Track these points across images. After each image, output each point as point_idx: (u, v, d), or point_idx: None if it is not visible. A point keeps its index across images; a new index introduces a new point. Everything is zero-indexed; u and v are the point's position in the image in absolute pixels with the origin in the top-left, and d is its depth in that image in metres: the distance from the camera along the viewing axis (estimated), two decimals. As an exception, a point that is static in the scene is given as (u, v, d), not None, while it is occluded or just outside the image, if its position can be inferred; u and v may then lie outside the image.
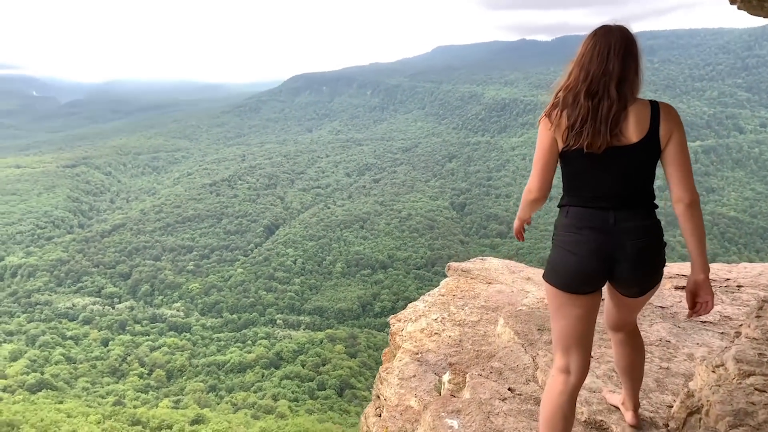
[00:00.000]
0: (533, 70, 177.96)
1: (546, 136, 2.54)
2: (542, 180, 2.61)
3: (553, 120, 2.51)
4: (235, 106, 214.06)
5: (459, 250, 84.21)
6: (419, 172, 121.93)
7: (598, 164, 2.45)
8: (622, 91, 2.44)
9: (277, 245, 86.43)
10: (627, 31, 2.47)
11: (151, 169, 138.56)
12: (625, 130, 2.42)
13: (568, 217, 2.56)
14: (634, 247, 2.44)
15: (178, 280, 77.24)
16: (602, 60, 2.44)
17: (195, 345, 61.92)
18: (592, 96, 2.44)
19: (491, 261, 6.65)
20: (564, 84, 2.54)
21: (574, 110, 2.45)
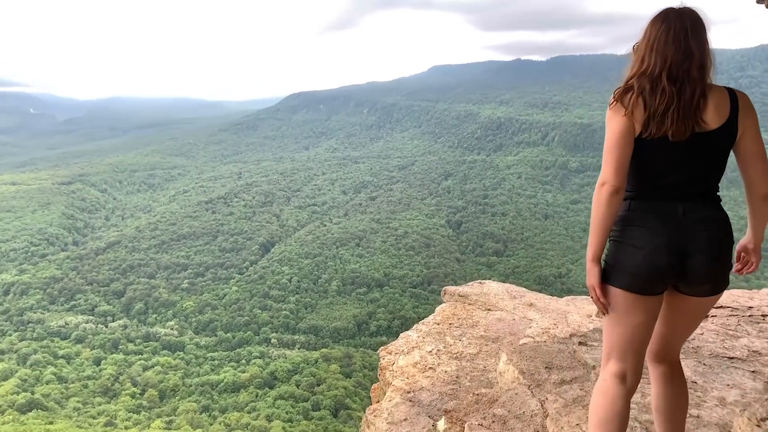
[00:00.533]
0: (528, 89, 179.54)
1: (620, 122, 2.34)
2: (618, 166, 2.32)
3: (627, 104, 2.34)
4: (232, 123, 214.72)
5: (455, 268, 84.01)
6: (415, 190, 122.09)
7: (677, 152, 2.32)
8: (703, 75, 2.33)
9: (273, 263, 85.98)
10: (697, 13, 2.36)
11: (147, 187, 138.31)
12: (705, 116, 2.31)
13: (631, 210, 2.40)
14: (708, 237, 2.31)
15: (172, 298, 76.60)
16: (679, 43, 2.31)
17: (188, 364, 61.15)
18: (674, 81, 2.31)
19: (490, 285, 6.29)
20: (638, 70, 2.40)
21: (656, 96, 2.30)
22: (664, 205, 2.35)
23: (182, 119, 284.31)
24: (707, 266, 2.31)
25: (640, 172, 2.39)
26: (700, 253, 2.29)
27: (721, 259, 2.34)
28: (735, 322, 4.54)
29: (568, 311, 5.19)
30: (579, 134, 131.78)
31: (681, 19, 2.32)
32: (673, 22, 2.33)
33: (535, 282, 76.98)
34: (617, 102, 2.38)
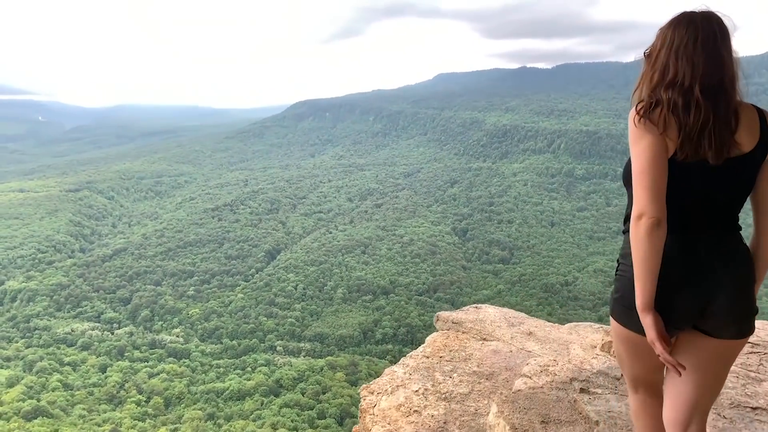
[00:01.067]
0: (534, 96, 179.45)
1: (653, 143, 2.00)
2: (657, 196, 1.97)
3: (657, 122, 2.02)
4: (238, 131, 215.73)
5: (461, 276, 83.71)
6: (421, 197, 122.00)
7: (711, 178, 2.04)
8: (734, 88, 2.08)
9: (278, 270, 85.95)
10: (722, 18, 2.08)
11: (154, 194, 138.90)
12: (739, 136, 2.05)
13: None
14: (732, 274, 2.05)
15: (178, 305, 76.65)
16: (710, 50, 2.03)
17: (194, 372, 61.04)
18: (708, 94, 2.01)
19: (487, 310, 5.81)
20: (661, 79, 2.09)
21: (690, 113, 2.00)
22: (684, 237, 2.08)
23: (189, 127, 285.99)
24: (732, 306, 2.08)
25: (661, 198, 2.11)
26: (724, 293, 2.05)
27: (747, 298, 2.10)
28: (757, 361, 4.08)
29: (570, 341, 4.78)
30: (585, 141, 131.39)
31: (709, 23, 2.05)
32: (700, 26, 2.05)
33: (541, 290, 76.62)
34: (645, 118, 2.05)
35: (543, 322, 5.53)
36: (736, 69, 2.09)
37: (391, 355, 63.80)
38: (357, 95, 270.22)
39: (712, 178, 2.05)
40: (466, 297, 76.52)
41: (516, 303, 73.26)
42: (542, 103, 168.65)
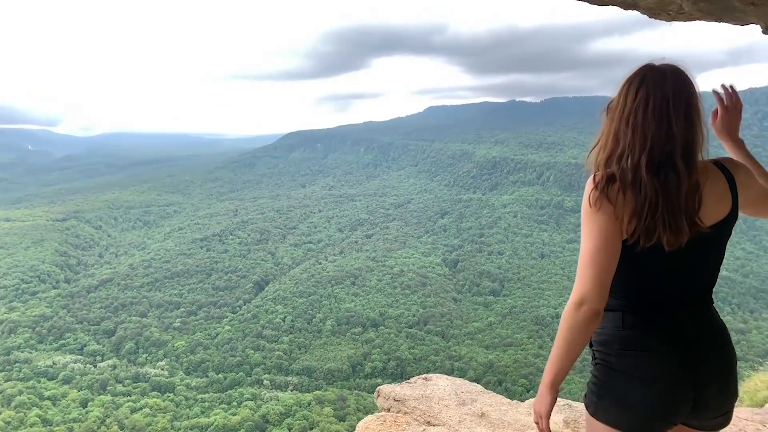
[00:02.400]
0: (523, 129, 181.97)
1: (607, 224, 1.81)
2: (604, 285, 1.79)
3: (614, 200, 1.82)
4: (229, 161, 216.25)
5: (452, 308, 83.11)
6: (411, 228, 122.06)
7: (676, 260, 1.85)
8: (690, 160, 1.84)
9: (267, 302, 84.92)
10: (684, 73, 1.87)
11: (142, 224, 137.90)
12: (703, 212, 1.85)
13: (627, 327, 1.89)
14: (720, 361, 1.88)
15: (164, 337, 75.22)
16: (661, 118, 1.82)
17: (178, 406, 59.46)
18: (656, 170, 1.81)
19: (437, 383, 5.07)
20: (613, 150, 1.91)
21: (638, 191, 1.79)
22: (666, 321, 1.87)
23: (180, 156, 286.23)
24: (722, 395, 1.90)
25: (632, 278, 1.91)
26: (715, 380, 1.86)
27: (734, 384, 1.93)
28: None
29: (528, 426, 4.24)
30: (573, 174, 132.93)
31: (662, 84, 1.84)
32: (653, 87, 1.84)
33: (532, 322, 76.13)
34: (602, 194, 1.83)
35: (500, 398, 4.87)
36: (694, 135, 1.86)
37: (380, 390, 62.61)
38: (348, 126, 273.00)
39: (679, 260, 1.86)
40: (457, 329, 75.86)
41: (507, 335, 72.72)
42: (531, 136, 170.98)
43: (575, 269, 1.87)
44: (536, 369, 60.51)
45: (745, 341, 67.39)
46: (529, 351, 67.03)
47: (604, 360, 1.94)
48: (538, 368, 60.77)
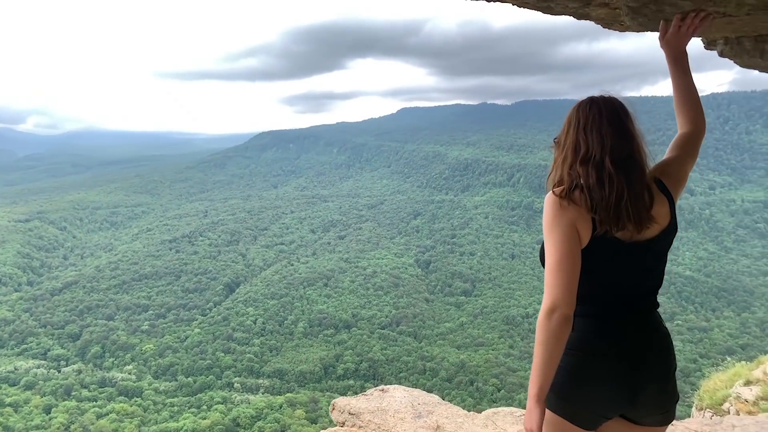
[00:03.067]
0: (494, 132, 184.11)
1: (570, 227, 1.94)
2: (572, 290, 1.92)
3: (578, 202, 1.97)
4: (200, 161, 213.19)
5: (424, 308, 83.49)
6: (384, 229, 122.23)
7: (632, 256, 2.00)
8: (643, 162, 2.07)
9: (237, 304, 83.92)
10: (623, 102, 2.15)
11: (109, 225, 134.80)
12: (654, 211, 2.03)
13: (577, 330, 2.02)
14: (660, 363, 2.03)
15: (131, 340, 73.64)
16: (616, 124, 2.03)
17: (146, 411, 58.29)
18: (621, 166, 1.98)
19: (393, 395, 4.91)
20: (574, 157, 2.06)
21: (605, 186, 1.95)
22: (613, 323, 2.03)
23: (149, 156, 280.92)
24: (661, 395, 2.07)
25: (584, 284, 2.00)
26: (655, 381, 2.04)
27: (674, 385, 2.10)
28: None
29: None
30: (543, 176, 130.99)
31: (611, 102, 2.09)
32: (603, 104, 2.08)
33: (503, 322, 77.06)
34: (562, 198, 1.98)
35: (456, 409, 4.77)
36: (641, 143, 2.09)
37: (352, 391, 62.50)
38: (321, 127, 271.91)
39: (635, 257, 2.02)
40: (429, 330, 76.25)
41: (478, 335, 73.41)
42: (502, 138, 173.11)
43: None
44: (507, 369, 61.25)
45: (707, 339, 69.46)
46: (500, 351, 67.81)
47: (569, 354, 2.05)
48: (509, 368, 61.53)
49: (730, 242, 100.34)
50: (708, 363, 63.19)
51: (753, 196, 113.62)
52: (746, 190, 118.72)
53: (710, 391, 8.18)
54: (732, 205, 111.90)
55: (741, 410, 6.97)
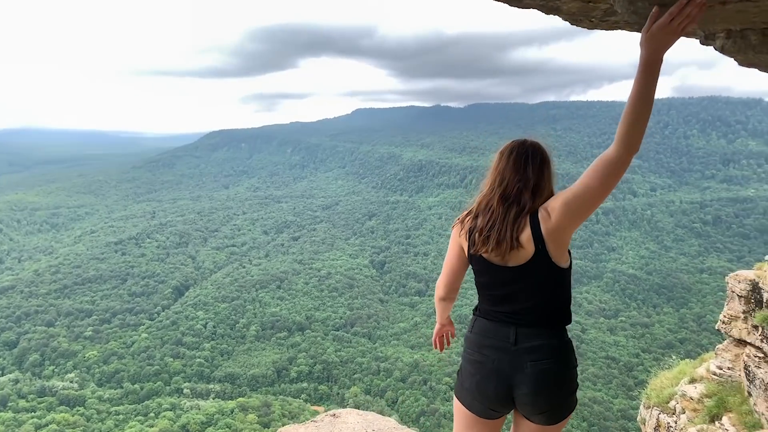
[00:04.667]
0: (448, 134, 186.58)
1: (453, 241, 2.58)
2: (446, 281, 2.65)
3: (464, 225, 2.51)
4: (147, 161, 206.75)
5: (378, 309, 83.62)
6: (339, 230, 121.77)
7: (503, 275, 2.35)
8: (535, 200, 2.35)
9: (187, 308, 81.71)
10: (540, 144, 2.49)
11: (50, 227, 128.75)
12: (524, 241, 2.30)
13: (473, 332, 2.50)
14: (535, 369, 2.28)
15: (73, 347, 70.54)
16: (518, 166, 2.40)
17: (89, 420, 56.00)
18: (505, 200, 2.38)
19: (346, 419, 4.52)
20: (482, 194, 2.53)
21: (486, 215, 2.40)
22: (499, 329, 2.38)
23: (93, 155, 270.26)
24: (533, 397, 2.30)
25: (480, 292, 2.49)
26: (526, 384, 2.29)
27: (549, 391, 2.31)
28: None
29: None
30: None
31: (523, 146, 2.46)
32: (516, 147, 2.46)
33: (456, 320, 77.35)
34: (459, 222, 2.57)
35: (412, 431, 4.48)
36: (542, 183, 2.38)
37: (306, 394, 61.98)
38: (274, 127, 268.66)
39: (509, 277, 2.34)
40: (384, 330, 76.44)
41: (431, 335, 73.85)
42: (455, 140, 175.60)
43: None
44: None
45: (649, 334, 72.50)
46: (453, 350, 68.45)
47: (463, 353, 2.55)
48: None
49: (669, 241, 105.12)
50: (650, 357, 66.01)
51: (690, 198, 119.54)
52: (684, 192, 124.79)
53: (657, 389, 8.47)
54: (671, 206, 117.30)
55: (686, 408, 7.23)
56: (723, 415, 6.42)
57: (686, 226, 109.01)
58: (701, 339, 65.54)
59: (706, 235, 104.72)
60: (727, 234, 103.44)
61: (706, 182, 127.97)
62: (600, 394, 57.81)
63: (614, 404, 55.77)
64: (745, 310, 6.93)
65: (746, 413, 6.14)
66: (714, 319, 31.95)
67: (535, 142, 2.48)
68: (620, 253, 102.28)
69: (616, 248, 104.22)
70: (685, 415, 7.19)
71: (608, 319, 77.61)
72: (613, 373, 62.62)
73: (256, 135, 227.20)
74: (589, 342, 70.17)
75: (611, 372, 62.90)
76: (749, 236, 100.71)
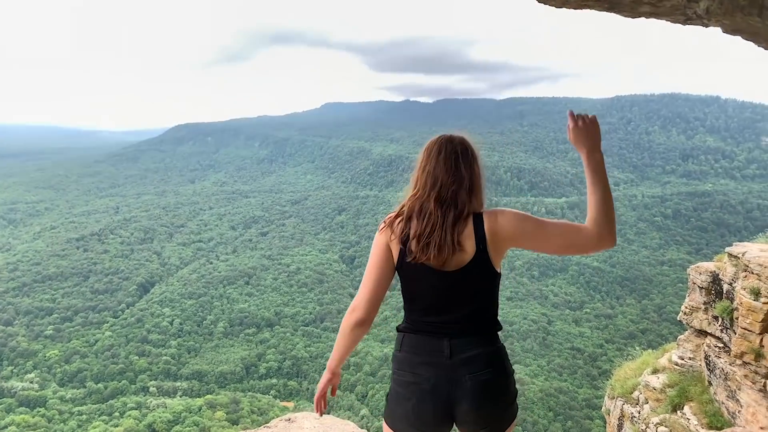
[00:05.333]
0: (417, 129, 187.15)
1: (382, 248, 2.27)
2: (371, 297, 2.25)
3: (394, 230, 2.26)
4: (110, 155, 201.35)
5: (348, 304, 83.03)
6: (309, 225, 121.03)
7: (440, 281, 2.18)
8: (471, 199, 2.25)
9: (152, 305, 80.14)
10: (467, 140, 2.37)
11: (7, 222, 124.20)
12: (465, 243, 2.18)
13: (403, 349, 2.26)
14: (475, 381, 2.14)
15: (33, 347, 68.40)
16: (450, 165, 2.27)
17: (50, 421, 54.44)
18: (442, 203, 2.22)
19: (302, 424, 4.32)
20: (412, 195, 2.34)
21: (422, 219, 2.21)
22: (432, 342, 2.20)
23: (51, 149, 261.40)
24: (476, 412, 2.16)
25: (409, 303, 2.28)
26: (467, 399, 2.14)
27: (491, 404, 2.18)
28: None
29: None
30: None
31: (452, 143, 2.33)
32: (444, 145, 2.33)
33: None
34: (387, 226, 2.30)
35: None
36: (475, 183, 2.27)
37: (275, 390, 61.59)
38: (242, 120, 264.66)
39: (444, 282, 2.18)
40: (353, 325, 76.33)
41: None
42: (424, 135, 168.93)
43: None
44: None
45: (612, 325, 74.48)
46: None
47: (392, 375, 2.32)
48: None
49: (632, 234, 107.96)
50: (613, 348, 67.86)
51: (652, 192, 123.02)
52: (646, 186, 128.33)
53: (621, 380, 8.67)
54: (633, 200, 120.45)
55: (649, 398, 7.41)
56: (685, 405, 6.61)
57: (648, 220, 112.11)
58: (662, 329, 67.60)
59: (666, 228, 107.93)
60: (686, 227, 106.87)
61: (666, 177, 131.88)
62: (566, 384, 59.15)
63: (579, 394, 57.13)
64: (706, 301, 7.15)
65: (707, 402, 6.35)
66: (674, 310, 33.80)
67: (462, 137, 2.38)
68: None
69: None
70: (648, 405, 7.39)
71: (573, 311, 79.42)
72: (578, 364, 64.14)
73: (222, 128, 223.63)
74: (555, 334, 71.70)
75: (576, 363, 64.41)
76: (707, 229, 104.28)
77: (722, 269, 6.84)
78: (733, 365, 6.08)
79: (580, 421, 52.60)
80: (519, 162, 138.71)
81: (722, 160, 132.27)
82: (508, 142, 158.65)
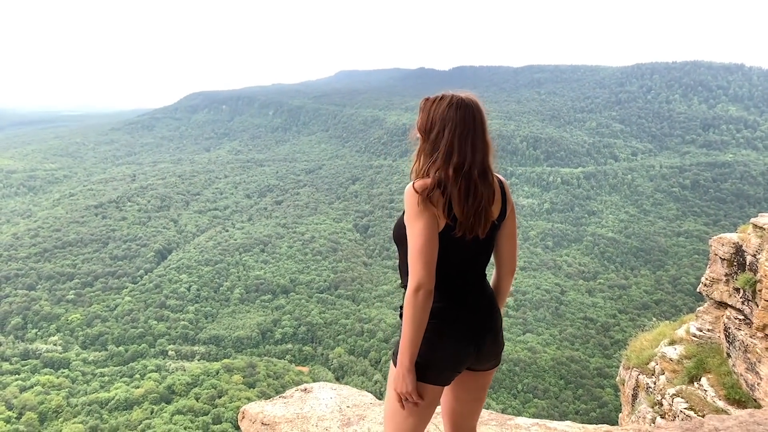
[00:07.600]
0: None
1: (432, 224, 2.21)
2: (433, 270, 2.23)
3: (435, 202, 2.22)
4: (126, 122, 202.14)
5: (362, 272, 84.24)
6: (323, 194, 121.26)
7: (478, 246, 2.33)
8: (493, 167, 2.36)
9: (170, 271, 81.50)
10: (481, 104, 2.36)
11: (27, 189, 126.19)
12: (494, 212, 2.35)
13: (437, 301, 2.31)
14: (492, 320, 2.41)
15: (56, 311, 70.27)
16: (483, 134, 2.29)
17: (74, 382, 56.36)
18: (482, 176, 2.28)
19: (318, 395, 4.16)
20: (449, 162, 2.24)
21: (470, 196, 2.23)
22: (461, 296, 2.35)
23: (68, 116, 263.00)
24: (494, 345, 2.42)
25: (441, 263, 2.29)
26: (492, 332, 2.40)
27: (501, 336, 2.49)
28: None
29: None
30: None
31: (480, 110, 2.31)
32: (475, 112, 2.29)
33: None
34: (426, 199, 2.24)
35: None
36: (492, 149, 2.35)
37: (290, 355, 62.85)
38: (255, 88, 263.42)
39: (479, 246, 2.33)
40: (367, 293, 77.23)
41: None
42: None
43: None
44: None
45: (626, 296, 74.34)
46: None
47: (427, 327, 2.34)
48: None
49: (648, 205, 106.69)
50: (626, 318, 67.99)
51: (670, 162, 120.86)
52: (664, 156, 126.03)
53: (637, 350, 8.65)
54: (651, 170, 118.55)
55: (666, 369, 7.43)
56: (702, 376, 6.63)
57: (665, 191, 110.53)
58: (676, 300, 67.38)
59: (684, 199, 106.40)
60: (705, 198, 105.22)
61: (686, 147, 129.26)
62: (577, 353, 59.55)
63: (591, 363, 57.54)
64: (728, 272, 7.08)
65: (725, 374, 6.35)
66: (689, 281, 33.61)
67: (474, 99, 2.33)
68: (600, 217, 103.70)
69: (596, 212, 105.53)
70: (664, 376, 7.41)
71: (587, 281, 79.30)
72: (590, 333, 64.40)
73: (236, 96, 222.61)
74: (567, 303, 71.83)
75: (588, 332, 64.67)
76: (725, 200, 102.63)
77: (746, 240, 6.75)
78: (754, 337, 6.06)
79: (591, 390, 53.11)
80: (535, 131, 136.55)
81: (744, 130, 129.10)
82: (524, 111, 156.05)
